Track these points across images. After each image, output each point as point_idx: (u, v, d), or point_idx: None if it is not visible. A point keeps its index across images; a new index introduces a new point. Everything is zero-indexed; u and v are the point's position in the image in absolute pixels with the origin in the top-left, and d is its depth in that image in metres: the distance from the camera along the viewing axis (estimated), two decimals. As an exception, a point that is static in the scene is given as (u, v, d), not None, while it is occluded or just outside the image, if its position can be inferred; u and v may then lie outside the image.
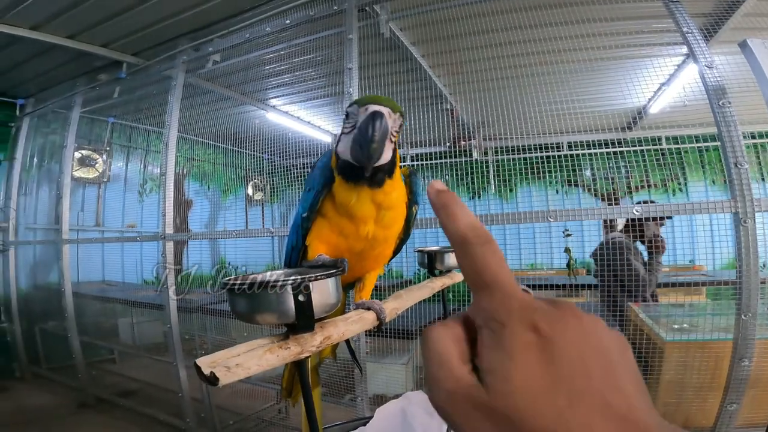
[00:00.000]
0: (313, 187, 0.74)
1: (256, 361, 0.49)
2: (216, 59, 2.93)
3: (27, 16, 2.84)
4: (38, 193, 4.17)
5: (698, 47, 1.65)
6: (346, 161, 0.67)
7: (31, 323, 4.08)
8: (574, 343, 0.24)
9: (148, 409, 3.17)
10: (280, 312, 0.48)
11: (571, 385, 0.23)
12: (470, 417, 0.24)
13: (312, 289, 0.49)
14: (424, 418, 1.09)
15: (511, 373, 0.24)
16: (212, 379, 0.44)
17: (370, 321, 0.67)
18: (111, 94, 3.59)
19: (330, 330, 0.58)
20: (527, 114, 2.16)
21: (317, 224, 0.74)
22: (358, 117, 0.66)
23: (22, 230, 4.19)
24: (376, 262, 0.80)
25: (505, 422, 0.23)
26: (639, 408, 0.23)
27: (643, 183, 4.32)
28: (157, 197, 4.05)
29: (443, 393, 0.26)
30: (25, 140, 4.22)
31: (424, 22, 2.59)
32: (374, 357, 2.54)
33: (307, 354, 0.54)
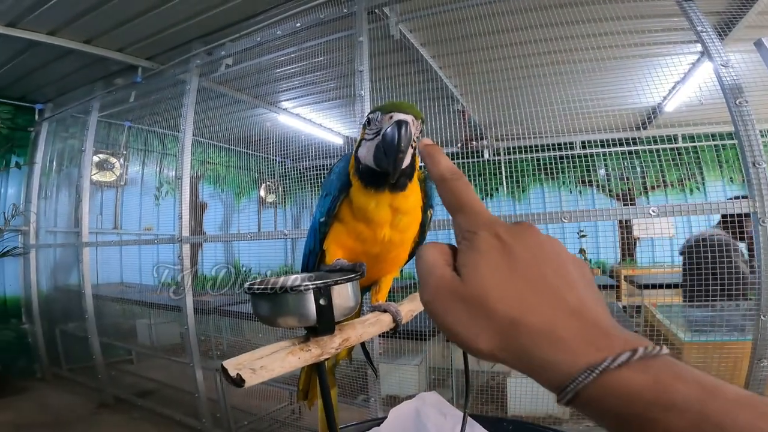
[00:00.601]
0: (330, 193, 0.75)
1: (279, 363, 0.50)
2: (228, 63, 2.97)
3: (44, 22, 2.90)
4: (58, 197, 4.26)
5: (713, 46, 1.62)
6: (367, 166, 0.68)
7: (51, 325, 4.17)
8: (529, 249, 0.31)
9: (165, 410, 3.22)
10: (301, 315, 0.50)
11: (527, 279, 0.29)
12: (450, 304, 0.31)
13: (332, 293, 0.50)
14: (438, 419, 1.09)
15: (480, 265, 0.31)
16: (238, 380, 0.45)
17: (387, 323, 0.68)
18: (127, 98, 3.65)
19: (348, 332, 0.59)
20: (539, 114, 2.15)
21: (334, 229, 0.75)
22: (382, 124, 0.66)
23: (43, 233, 4.28)
24: (392, 265, 0.81)
25: (476, 304, 0.30)
26: (592, 308, 0.28)
27: (659, 182, 4.26)
28: (172, 200, 4.13)
29: (431, 289, 0.32)
30: (44, 144, 4.30)
31: (434, 24, 2.60)
32: (387, 358, 2.55)
33: (327, 356, 0.55)
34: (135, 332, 4.20)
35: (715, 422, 0.21)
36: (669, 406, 0.22)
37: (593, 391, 0.24)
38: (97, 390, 3.66)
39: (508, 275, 0.30)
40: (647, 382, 0.23)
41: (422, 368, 2.56)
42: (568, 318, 0.27)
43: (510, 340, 0.28)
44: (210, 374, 2.90)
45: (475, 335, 0.29)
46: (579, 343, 0.26)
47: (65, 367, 4.10)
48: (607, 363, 0.24)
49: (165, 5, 2.71)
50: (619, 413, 0.24)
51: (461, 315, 0.30)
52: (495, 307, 0.29)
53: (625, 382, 0.24)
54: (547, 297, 0.29)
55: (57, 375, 4.13)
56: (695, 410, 0.22)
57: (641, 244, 4.32)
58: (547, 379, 0.27)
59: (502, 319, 0.28)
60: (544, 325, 0.27)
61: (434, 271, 0.33)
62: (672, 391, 0.23)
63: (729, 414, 0.21)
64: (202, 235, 3.28)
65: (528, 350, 0.27)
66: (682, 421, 0.22)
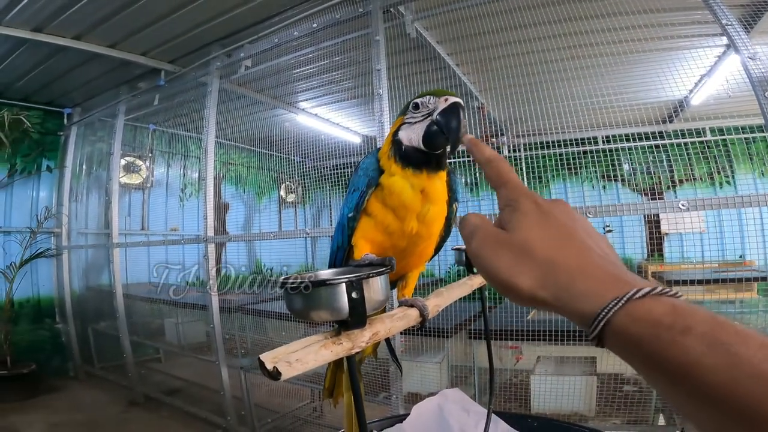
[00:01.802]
0: (358, 188, 0.76)
1: (313, 356, 0.51)
2: (247, 64, 3.02)
3: (69, 26, 3.00)
4: (88, 200, 4.39)
5: (739, 38, 1.59)
6: (412, 147, 0.72)
7: (84, 324, 4.29)
8: (563, 213, 0.37)
9: (192, 408, 3.29)
10: (333, 309, 0.51)
11: (562, 233, 0.36)
12: (496, 251, 0.37)
13: (364, 286, 0.51)
14: (461, 415, 1.09)
15: (522, 221, 0.37)
16: (275, 373, 0.46)
17: (414, 317, 0.69)
18: (151, 101, 3.74)
19: (378, 326, 0.60)
20: (560, 109, 2.12)
21: (362, 223, 0.76)
22: (436, 105, 0.70)
23: (75, 235, 4.43)
24: (420, 259, 0.82)
25: (519, 249, 0.36)
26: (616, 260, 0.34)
27: (687, 176, 4.13)
28: (196, 201, 4.22)
29: (479, 240, 0.39)
30: (74, 148, 4.43)
31: (449, 21, 2.58)
32: (409, 355, 2.56)
33: (358, 349, 0.56)
34: (163, 331, 4.30)
35: (725, 341, 0.24)
36: (685, 329, 0.26)
37: (620, 319, 0.28)
38: (127, 388, 3.76)
39: (546, 229, 0.36)
40: (666, 309, 0.27)
41: (444, 366, 2.55)
42: (597, 262, 0.33)
43: (548, 277, 0.33)
44: (235, 372, 2.96)
45: (518, 274, 0.35)
46: (607, 280, 0.31)
47: (97, 366, 4.22)
48: (632, 293, 0.29)
49: (184, 8, 2.78)
50: (642, 339, 0.27)
51: (506, 259, 0.36)
52: (536, 250, 0.35)
53: (647, 308, 0.28)
54: (579, 246, 0.34)
55: (89, 373, 4.26)
56: (708, 334, 0.25)
57: (670, 239, 4.21)
58: (580, 311, 0.31)
59: (542, 259, 0.34)
60: (578, 265, 0.33)
61: (481, 227, 0.40)
62: (688, 318, 0.26)
63: (738, 336, 0.25)
64: (226, 235, 3.35)
65: (563, 286, 0.32)
66: (696, 343, 0.25)
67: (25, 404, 3.47)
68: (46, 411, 3.37)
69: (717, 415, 0.24)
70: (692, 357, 0.25)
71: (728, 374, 0.24)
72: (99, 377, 4.15)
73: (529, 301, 0.34)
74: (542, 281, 0.33)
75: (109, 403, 3.63)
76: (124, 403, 3.62)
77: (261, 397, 3.10)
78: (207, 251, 2.84)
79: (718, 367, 0.24)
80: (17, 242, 4.02)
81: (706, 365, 0.24)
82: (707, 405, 0.25)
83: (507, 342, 2.45)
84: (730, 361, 0.24)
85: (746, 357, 0.24)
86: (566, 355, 2.48)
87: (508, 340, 2.39)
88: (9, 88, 3.99)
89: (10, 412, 3.28)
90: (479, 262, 0.38)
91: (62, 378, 4.21)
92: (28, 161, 4.35)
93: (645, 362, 0.28)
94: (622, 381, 2.31)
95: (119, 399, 3.69)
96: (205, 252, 2.85)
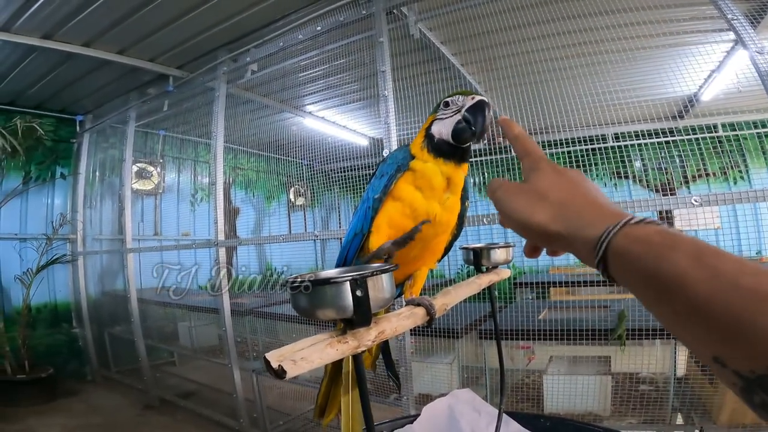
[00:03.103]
0: (386, 173, 0.81)
1: (319, 355, 0.51)
2: (254, 69, 3.04)
3: (78, 33, 3.05)
4: (102, 206, 4.46)
5: (746, 33, 1.58)
6: (442, 140, 0.79)
7: (100, 328, 4.35)
8: (576, 173, 0.45)
9: (206, 410, 3.31)
10: (338, 307, 0.51)
11: (573, 185, 0.43)
12: (516, 196, 0.45)
13: (368, 284, 0.51)
14: (472, 416, 1.08)
15: (540, 176, 0.46)
16: (280, 372, 0.47)
17: (421, 316, 0.69)
18: (161, 107, 3.79)
19: (384, 325, 0.60)
20: (567, 107, 2.10)
21: (387, 206, 0.80)
22: (464, 102, 0.78)
23: (90, 241, 4.49)
24: (432, 253, 0.85)
25: (536, 194, 0.44)
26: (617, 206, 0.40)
27: (700, 172, 4.06)
28: (207, 206, 4.27)
29: (501, 191, 0.47)
30: (87, 155, 4.50)
31: (453, 21, 2.58)
32: (419, 356, 2.55)
33: (364, 348, 0.56)
34: (177, 334, 4.34)
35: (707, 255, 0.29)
36: (673, 245, 0.30)
37: (618, 240, 0.34)
38: (143, 391, 3.79)
39: (559, 181, 0.44)
40: (656, 231, 0.33)
41: (455, 367, 2.54)
42: (601, 202, 0.40)
43: (560, 213, 0.41)
44: (247, 375, 2.98)
45: (534, 212, 0.42)
46: (608, 213, 0.37)
47: (114, 369, 4.27)
48: (628, 219, 0.35)
49: (190, 14, 2.81)
50: (638, 256, 0.32)
51: (524, 201, 0.44)
52: (549, 194, 0.43)
53: (641, 231, 0.33)
54: (585, 194, 0.42)
55: (106, 377, 4.31)
56: (693, 251, 0.29)
57: (683, 237, 4.13)
58: (586, 237, 0.37)
59: (554, 200, 0.42)
60: (584, 202, 0.41)
61: (503, 183, 0.48)
62: (674, 237, 0.31)
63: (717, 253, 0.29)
64: (236, 239, 3.38)
65: (572, 219, 0.39)
66: (683, 257, 0.29)
67: (44, 408, 3.52)
68: (64, 414, 3.42)
69: (702, 325, 0.27)
70: (680, 269, 0.29)
71: (710, 285, 0.27)
72: (115, 381, 4.20)
73: (543, 235, 0.42)
74: (554, 217, 0.41)
75: (126, 406, 3.67)
76: (139, 406, 3.66)
77: (273, 399, 3.12)
78: (218, 255, 2.86)
79: (703, 279, 0.27)
80: (33, 249, 4.09)
81: (692, 277, 0.28)
82: (694, 315, 0.28)
83: (518, 342, 2.43)
84: (712, 273, 0.27)
85: (725, 270, 0.27)
86: (579, 355, 2.45)
87: (520, 339, 2.37)
88: (21, 95, 4.07)
89: (28, 415, 3.33)
90: (502, 207, 0.46)
91: (80, 382, 4.27)
92: (42, 169, 4.43)
93: (641, 280, 0.32)
94: (638, 380, 2.27)
95: (135, 402, 3.73)
96: (216, 256, 2.87)
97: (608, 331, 2.13)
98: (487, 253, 0.95)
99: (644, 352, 2.25)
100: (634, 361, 2.22)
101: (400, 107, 2.26)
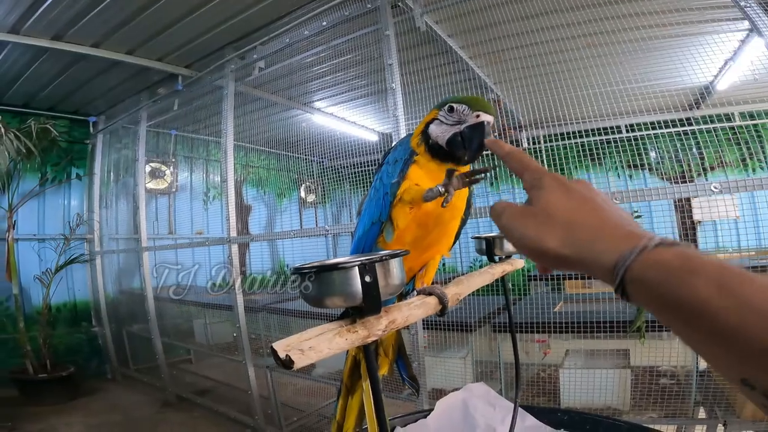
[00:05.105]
0: (400, 158, 0.81)
1: (327, 344, 0.50)
2: (261, 66, 3.04)
3: (87, 34, 3.09)
4: (117, 205, 4.52)
5: (761, 21, 1.55)
6: (438, 144, 0.78)
7: (119, 326, 4.43)
8: (582, 186, 0.42)
9: (222, 407, 3.35)
10: (347, 294, 0.50)
11: (580, 201, 0.40)
12: (523, 221, 0.42)
13: (377, 270, 0.50)
14: (487, 410, 1.06)
15: (545, 195, 0.42)
16: (287, 362, 0.46)
17: (433, 306, 0.67)
18: (171, 106, 3.82)
19: (394, 314, 0.58)
20: (579, 98, 2.06)
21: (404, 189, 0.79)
22: (467, 118, 0.76)
23: (106, 240, 4.57)
24: (448, 237, 0.84)
25: (543, 216, 0.41)
26: (631, 221, 0.38)
27: (718, 161, 3.97)
28: (219, 204, 4.30)
29: (506, 216, 0.44)
30: (101, 156, 4.57)
31: (460, 13, 2.54)
32: (432, 351, 2.53)
33: (374, 338, 0.55)
34: (192, 332, 4.39)
35: (732, 283, 0.27)
36: (693, 270, 0.29)
37: (637, 266, 0.32)
38: (161, 389, 3.85)
39: (566, 198, 0.41)
40: (675, 254, 0.31)
41: (468, 361, 2.51)
42: (614, 221, 0.37)
43: (570, 236, 0.38)
44: (261, 371, 3.00)
45: (544, 236, 0.39)
46: (624, 235, 0.35)
47: (132, 368, 4.34)
48: (645, 242, 0.33)
49: (195, 13, 2.83)
50: (658, 283, 0.30)
51: (532, 226, 0.41)
52: (558, 215, 0.40)
53: (659, 255, 0.31)
54: (596, 209, 0.39)
55: (125, 375, 4.38)
56: (716, 276, 0.28)
57: (703, 227, 4.03)
58: (602, 265, 0.34)
59: (563, 221, 0.39)
60: (596, 224, 0.37)
61: (507, 206, 0.45)
62: (694, 260, 0.29)
63: (743, 278, 0.27)
64: (249, 235, 3.40)
65: (585, 243, 0.37)
66: (705, 284, 0.27)
67: (65, 406, 3.59)
68: (84, 413, 3.49)
69: (730, 352, 0.26)
70: (703, 296, 0.27)
71: (738, 314, 0.26)
72: (134, 379, 4.27)
73: (555, 260, 0.39)
74: (565, 240, 0.38)
75: (144, 404, 3.73)
76: (158, 404, 3.71)
77: (287, 396, 3.14)
78: (231, 252, 2.88)
79: (729, 308, 0.26)
80: (52, 249, 4.18)
81: (716, 305, 0.26)
82: (720, 341, 0.27)
83: (534, 335, 2.39)
84: (739, 302, 0.26)
85: (752, 297, 0.26)
86: (597, 348, 2.40)
87: (535, 333, 2.33)
88: (34, 97, 4.14)
89: (51, 414, 3.39)
90: (510, 233, 0.44)
91: (100, 380, 4.36)
92: (58, 170, 4.53)
93: (663, 305, 0.30)
94: (659, 374, 2.22)
95: (153, 400, 3.78)
96: (228, 252, 2.89)
97: (626, 323, 2.08)
98: (500, 242, 0.93)
99: (664, 345, 2.20)
100: (654, 354, 2.16)
101: (408, 101, 2.24)
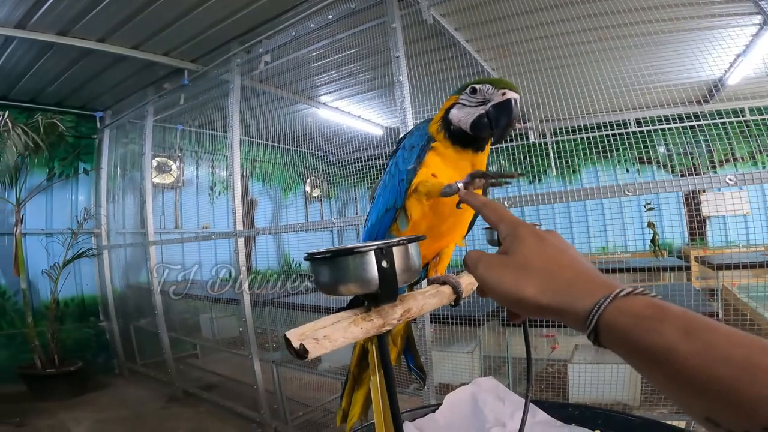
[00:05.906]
0: (416, 144, 0.79)
1: (342, 333, 0.49)
2: (267, 60, 3.02)
3: (92, 29, 3.09)
4: (124, 200, 4.54)
5: None
6: (459, 128, 0.75)
7: (126, 321, 4.44)
8: (556, 239, 0.44)
9: (228, 402, 3.36)
10: (363, 280, 0.48)
11: (556, 252, 0.42)
12: (501, 271, 0.43)
13: (394, 255, 0.48)
14: (496, 404, 1.05)
15: (521, 245, 0.43)
16: (301, 351, 0.44)
17: (447, 295, 0.66)
18: (177, 101, 3.82)
19: (410, 303, 0.57)
20: (587, 92, 2.03)
21: (421, 175, 0.77)
22: (492, 96, 0.73)
23: (113, 235, 4.59)
24: (463, 226, 0.83)
25: (521, 267, 0.42)
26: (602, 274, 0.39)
27: (728, 157, 3.93)
28: (225, 198, 4.31)
29: (482, 266, 0.45)
30: (108, 151, 4.59)
31: (467, 6, 2.51)
32: (440, 346, 2.52)
33: (389, 327, 0.54)
34: (199, 327, 4.39)
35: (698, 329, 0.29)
36: (662, 318, 0.31)
37: (609, 313, 0.34)
38: (167, 384, 3.86)
39: (541, 248, 0.43)
40: (646, 303, 0.33)
41: (476, 355, 2.50)
42: (588, 272, 0.39)
43: (548, 285, 0.39)
44: (267, 366, 3.00)
45: (523, 286, 0.40)
46: (598, 283, 0.37)
47: (140, 363, 4.35)
48: (618, 291, 0.34)
49: (201, 7, 2.82)
50: (628, 329, 0.32)
51: (509, 276, 0.42)
52: (535, 264, 0.41)
53: (631, 303, 0.33)
54: (571, 262, 0.41)
55: (133, 370, 4.40)
56: (683, 323, 0.30)
57: (712, 223, 4.00)
58: (576, 311, 0.36)
59: (540, 270, 0.40)
60: (572, 274, 0.39)
61: (482, 256, 0.46)
62: (664, 309, 0.32)
63: (708, 325, 0.29)
64: (254, 229, 3.40)
65: (562, 290, 0.38)
66: (673, 330, 0.30)
67: (73, 401, 3.61)
68: (92, 408, 3.50)
69: (695, 392, 0.28)
70: (670, 342, 0.29)
71: (702, 358, 0.28)
72: (141, 374, 4.28)
73: (534, 308, 0.40)
74: (543, 288, 0.39)
75: (151, 399, 3.74)
76: (164, 398, 3.72)
77: (293, 390, 3.14)
78: (237, 246, 2.88)
79: (694, 353, 0.28)
80: (59, 243, 4.20)
81: (682, 350, 0.28)
82: (685, 384, 0.28)
83: (542, 330, 2.38)
84: (703, 347, 0.28)
85: (716, 343, 0.28)
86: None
87: (543, 327, 2.32)
88: (41, 93, 4.15)
89: (58, 409, 3.41)
90: (486, 283, 0.44)
91: (108, 375, 4.38)
92: (65, 165, 4.55)
93: (634, 350, 0.32)
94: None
95: (160, 395, 3.79)
96: (235, 246, 2.89)
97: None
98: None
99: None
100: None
101: (415, 95, 2.22)
